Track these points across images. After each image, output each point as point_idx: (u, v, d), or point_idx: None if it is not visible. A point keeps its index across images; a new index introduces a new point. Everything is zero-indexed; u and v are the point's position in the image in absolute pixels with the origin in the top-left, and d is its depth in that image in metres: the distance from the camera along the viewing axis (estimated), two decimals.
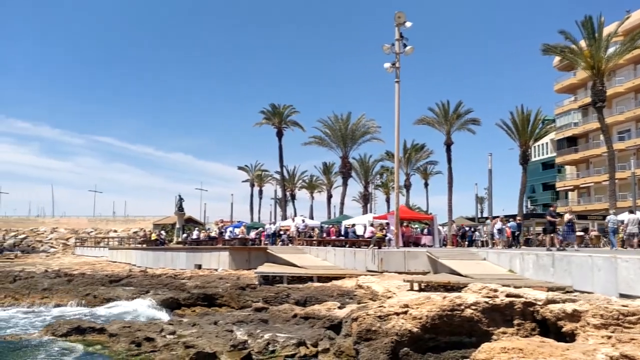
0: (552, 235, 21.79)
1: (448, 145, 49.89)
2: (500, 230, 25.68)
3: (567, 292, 14.10)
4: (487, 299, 11.43)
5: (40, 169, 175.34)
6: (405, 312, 11.59)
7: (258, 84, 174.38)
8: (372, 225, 30.56)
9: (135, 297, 22.35)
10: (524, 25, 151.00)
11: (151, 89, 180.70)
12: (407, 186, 63.85)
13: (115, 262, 41.51)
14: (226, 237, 37.45)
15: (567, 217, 22.05)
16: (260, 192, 79.70)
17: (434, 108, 50.62)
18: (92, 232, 76.43)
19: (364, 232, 29.67)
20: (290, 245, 34.31)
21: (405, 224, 31.86)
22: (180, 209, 46.68)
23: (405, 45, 26.86)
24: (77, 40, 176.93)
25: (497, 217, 28.36)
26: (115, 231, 74.54)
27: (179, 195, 47.35)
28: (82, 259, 48.79)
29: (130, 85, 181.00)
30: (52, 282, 26.52)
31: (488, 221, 28.40)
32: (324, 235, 34.82)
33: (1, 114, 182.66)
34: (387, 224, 28.95)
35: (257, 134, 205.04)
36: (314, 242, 33.10)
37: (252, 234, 38.70)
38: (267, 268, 26.55)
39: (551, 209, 22.94)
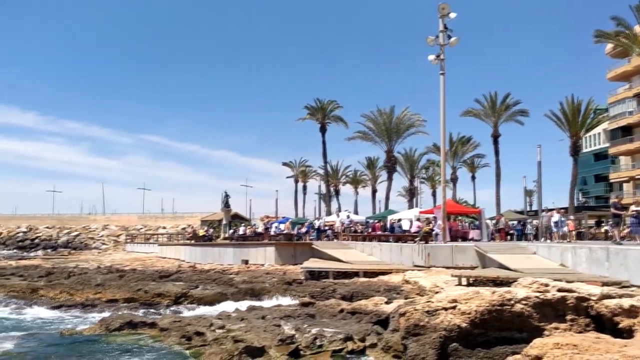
0: (618, 228, 20.89)
1: (495, 137, 49.00)
2: (557, 223, 24.72)
3: (624, 286, 13.63)
4: (538, 294, 11.15)
5: (91, 168, 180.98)
6: (454, 307, 11.43)
7: (301, 79, 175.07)
8: (418, 219, 30.32)
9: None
10: (574, 12, 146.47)
11: (196, 88, 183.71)
12: (454, 180, 63.02)
13: (165, 257, 42.41)
14: (272, 233, 37.75)
15: (632, 208, 21.11)
16: (305, 187, 80.00)
17: (481, 100, 49.83)
18: (141, 228, 78.28)
19: (410, 227, 29.44)
20: (335, 240, 34.33)
21: (452, 219, 31.44)
22: (226, 205, 47.23)
23: (449, 37, 26.44)
24: (125, 41, 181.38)
25: (554, 209, 27.42)
26: (164, 227, 76.11)
27: (225, 192, 47.91)
28: (133, 255, 50.04)
29: (176, 84, 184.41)
30: (105, 278, 27.29)
31: (544, 213, 27.46)
32: (370, 230, 34.69)
33: (53, 115, 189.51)
34: (434, 218, 28.62)
35: (300, 130, 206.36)
36: (359, 237, 33.02)
37: (304, 229, 38.72)
38: (313, 263, 26.66)
39: (616, 200, 22.08)
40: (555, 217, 24.92)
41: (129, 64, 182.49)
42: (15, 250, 70.43)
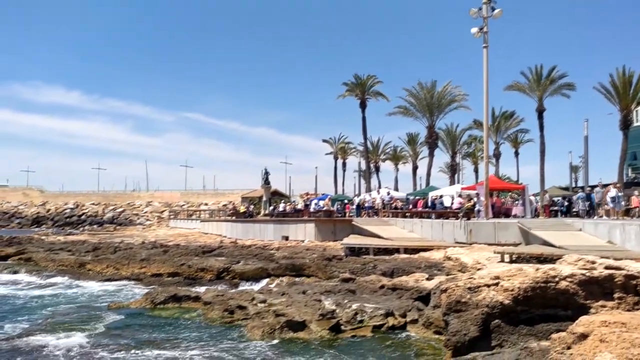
0: None
1: (540, 111, 47.64)
2: (614, 199, 23.50)
3: None
4: (584, 271, 10.87)
5: (134, 146, 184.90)
6: (496, 284, 11.27)
7: (340, 55, 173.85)
8: (460, 196, 29.87)
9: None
10: None
11: (236, 66, 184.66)
12: (497, 155, 61.75)
13: (207, 233, 43.13)
14: (311, 210, 37.90)
15: None
16: (344, 164, 79.72)
17: (526, 73, 48.40)
18: (184, 205, 79.75)
19: (452, 204, 29.06)
20: (375, 217, 34.24)
21: (495, 195, 30.91)
22: (266, 182, 47.60)
23: (493, 9, 25.68)
24: (167, 20, 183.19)
25: (610, 184, 26.38)
26: (206, 204, 77.30)
27: (265, 169, 48.27)
28: (176, 230, 51.06)
29: (216, 62, 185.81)
30: (149, 253, 27.95)
31: (598, 189, 26.50)
32: (410, 206, 34.45)
33: (97, 94, 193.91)
34: (477, 194, 28.18)
35: (340, 106, 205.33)
36: (400, 214, 32.84)
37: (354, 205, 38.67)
38: (353, 240, 26.67)
39: None
40: (612, 192, 23.52)
41: (170, 42, 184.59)
42: (62, 227, 72.75)
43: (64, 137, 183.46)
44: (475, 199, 26.98)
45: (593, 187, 31.79)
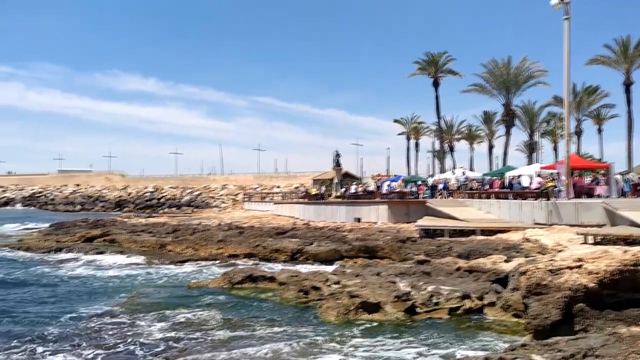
0: None
1: (627, 85, 45.09)
2: None
3: None
4: None
5: (209, 130, 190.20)
6: (580, 267, 10.78)
7: (411, 34, 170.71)
8: (539, 175, 28.77)
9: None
10: None
11: (306, 49, 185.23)
12: (578, 133, 59.06)
13: (280, 215, 43.76)
14: (383, 191, 37.61)
15: None
16: (417, 144, 78.65)
17: (611, 45, 45.82)
18: (257, 188, 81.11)
19: (530, 183, 28.02)
20: (450, 198, 33.57)
21: (576, 174, 29.55)
22: (337, 164, 47.60)
23: None
24: (237, 5, 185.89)
25: None
26: (279, 187, 78.36)
27: (336, 151, 48.21)
28: (250, 213, 52.11)
29: (286, 46, 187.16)
30: (226, 234, 28.65)
31: None
32: (487, 187, 33.52)
33: (172, 81, 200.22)
34: (557, 174, 27.01)
35: (411, 86, 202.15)
36: (476, 194, 32.03)
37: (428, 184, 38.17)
38: (427, 221, 26.27)
39: None
40: None
41: (241, 28, 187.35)
42: (143, 210, 75.95)
43: (143, 123, 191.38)
44: (556, 179, 25.90)
45: None
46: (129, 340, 11.34)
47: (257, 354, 10.26)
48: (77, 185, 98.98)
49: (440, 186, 36.22)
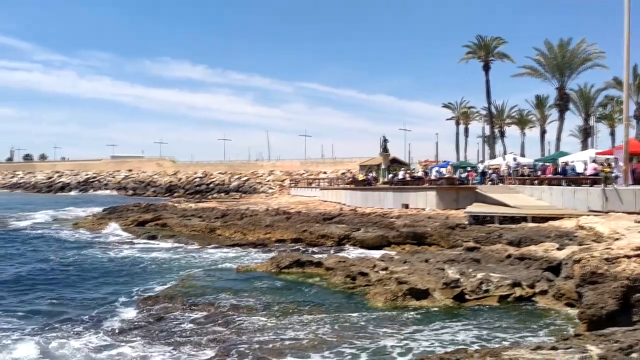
0: None
1: None
2: None
3: None
4: None
5: (256, 117, 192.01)
6: (639, 256, 10.35)
7: (459, 17, 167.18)
8: (594, 161, 27.81)
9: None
10: None
11: (352, 33, 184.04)
12: (638, 117, 56.71)
13: (326, 201, 43.77)
14: (432, 177, 37.14)
15: None
16: (466, 130, 77.27)
17: None
18: (304, 173, 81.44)
19: (585, 169, 27.14)
20: (500, 184, 32.88)
21: (636, 160, 28.40)
22: (385, 149, 47.20)
23: None
24: None
25: None
26: (325, 172, 78.44)
27: (384, 137, 47.72)
28: (297, 198, 52.35)
29: (330, 30, 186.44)
30: (273, 220, 28.88)
31: None
32: (539, 173, 32.66)
33: (220, 67, 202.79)
34: (615, 159, 26.03)
35: (460, 70, 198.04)
36: (527, 180, 31.26)
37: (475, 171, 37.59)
38: (477, 208, 25.83)
39: None
40: None
41: (287, 14, 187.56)
42: (192, 195, 77.47)
43: (192, 110, 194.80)
44: (613, 164, 24.98)
45: None
46: (180, 321, 11.60)
47: (306, 338, 10.33)
48: (129, 170, 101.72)
49: (491, 172, 35.54)
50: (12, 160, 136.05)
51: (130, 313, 12.54)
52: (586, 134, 60.76)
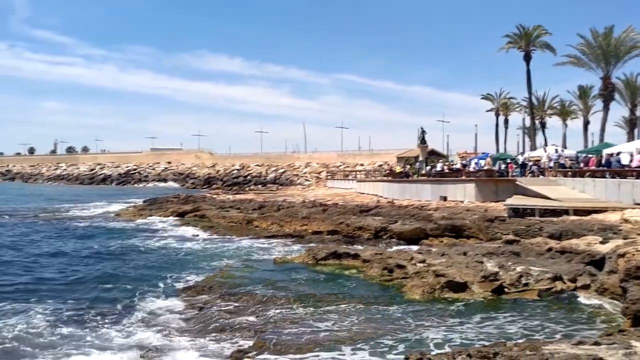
0: None
1: None
2: None
3: None
4: None
5: (292, 109, 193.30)
6: None
7: (498, 6, 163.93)
8: None
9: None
10: None
11: (390, 24, 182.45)
12: None
13: (363, 193, 43.66)
14: (471, 169, 36.64)
15: None
16: (506, 121, 75.75)
17: None
18: (340, 165, 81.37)
19: (631, 161, 26.37)
20: (541, 177, 32.25)
21: None
22: (422, 141, 46.74)
23: None
24: None
25: None
26: (362, 164, 78.22)
27: (421, 128, 47.20)
28: (333, 190, 52.39)
29: (367, 21, 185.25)
30: (310, 212, 28.96)
31: None
32: (581, 165, 31.87)
33: (257, 60, 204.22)
34: None
35: (500, 61, 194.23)
36: (569, 173, 30.55)
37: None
38: (517, 200, 25.41)
39: None
40: None
41: (324, 6, 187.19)
42: (230, 187, 78.34)
43: (229, 103, 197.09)
44: None
45: None
46: (218, 310, 11.75)
47: (343, 330, 10.34)
48: (169, 162, 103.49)
49: (531, 164, 34.88)
50: (55, 153, 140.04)
51: (169, 302, 12.78)
52: (632, 125, 58.85)
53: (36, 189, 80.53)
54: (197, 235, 25.29)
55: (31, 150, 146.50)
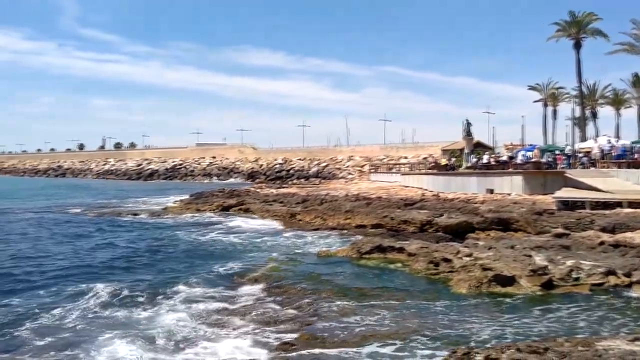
0: None
1: None
2: None
3: None
4: None
5: (334, 102, 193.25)
6: None
7: None
8: None
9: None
10: None
11: (430, 16, 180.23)
12: None
13: (407, 186, 43.26)
14: (518, 161, 35.87)
15: None
16: (554, 112, 73.98)
17: None
18: (384, 159, 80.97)
19: None
20: (592, 168, 31.33)
21: None
22: (468, 133, 46.04)
23: None
24: None
25: None
26: (406, 157, 77.61)
27: (467, 120, 46.48)
28: (377, 184, 52.06)
29: (409, 12, 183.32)
30: (353, 205, 28.84)
31: None
32: (635, 156, 30.80)
33: (299, 54, 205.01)
34: None
35: (547, 50, 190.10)
36: (623, 163, 29.58)
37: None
38: (566, 193, 24.76)
39: None
40: None
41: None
42: (273, 181, 78.94)
43: (272, 97, 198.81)
44: None
45: None
46: (263, 303, 11.85)
47: (388, 324, 10.26)
48: (213, 157, 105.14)
49: (582, 155, 33.92)
50: (104, 149, 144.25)
51: (214, 291, 12.96)
52: None
53: (86, 184, 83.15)
54: (242, 228, 25.61)
55: (81, 147, 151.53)
